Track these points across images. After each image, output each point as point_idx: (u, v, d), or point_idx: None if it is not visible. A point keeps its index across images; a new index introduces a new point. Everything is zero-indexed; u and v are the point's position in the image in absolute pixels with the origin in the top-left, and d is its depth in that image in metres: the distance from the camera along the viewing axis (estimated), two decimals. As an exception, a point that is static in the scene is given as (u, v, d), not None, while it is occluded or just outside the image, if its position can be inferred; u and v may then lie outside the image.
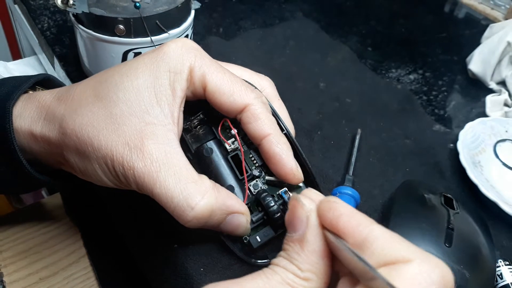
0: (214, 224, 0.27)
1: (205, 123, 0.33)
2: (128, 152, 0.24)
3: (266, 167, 0.32)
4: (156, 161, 0.24)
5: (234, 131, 0.31)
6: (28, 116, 0.27)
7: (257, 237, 0.30)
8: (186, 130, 0.33)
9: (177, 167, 0.25)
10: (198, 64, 0.27)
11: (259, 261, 0.31)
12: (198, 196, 0.25)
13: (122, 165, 0.24)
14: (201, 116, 0.33)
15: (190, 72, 0.27)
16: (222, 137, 0.32)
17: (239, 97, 0.27)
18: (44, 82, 0.32)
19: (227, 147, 0.33)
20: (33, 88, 0.31)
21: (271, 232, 0.30)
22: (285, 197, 0.31)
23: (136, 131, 0.25)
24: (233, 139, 0.33)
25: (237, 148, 0.32)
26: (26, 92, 0.29)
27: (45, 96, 0.28)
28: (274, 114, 0.30)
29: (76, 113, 0.26)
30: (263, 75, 0.33)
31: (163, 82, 0.26)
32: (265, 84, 0.32)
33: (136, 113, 0.25)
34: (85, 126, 0.25)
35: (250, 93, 0.28)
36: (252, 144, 0.31)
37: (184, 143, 0.33)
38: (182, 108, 0.28)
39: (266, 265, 0.22)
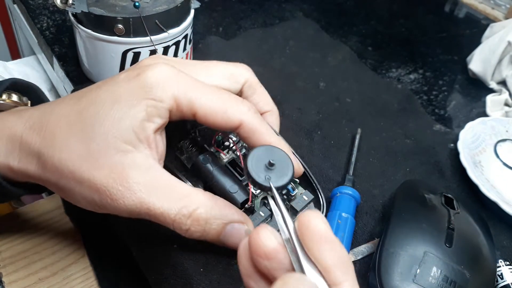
0: (213, 234, 0.27)
1: (197, 142, 0.35)
2: (113, 184, 0.24)
3: None
4: (144, 187, 0.24)
5: (230, 140, 0.34)
6: (1, 146, 0.26)
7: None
8: (180, 151, 0.35)
9: (167, 188, 0.25)
10: (182, 91, 0.26)
11: None
12: (193, 205, 0.25)
13: (110, 197, 0.24)
14: (192, 135, 0.35)
15: (175, 102, 0.26)
16: (218, 149, 0.34)
17: (232, 114, 0.27)
18: (13, 86, 0.31)
19: (223, 157, 0.35)
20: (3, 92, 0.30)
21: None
22: (289, 187, 0.33)
23: (117, 162, 0.24)
24: (227, 150, 0.35)
25: (232, 157, 0.35)
26: None
27: (16, 124, 0.26)
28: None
29: (54, 148, 0.25)
30: (239, 63, 0.33)
31: (139, 112, 0.25)
32: (245, 73, 0.32)
33: (113, 144, 0.24)
34: (65, 161, 0.25)
35: (242, 106, 0.28)
36: (247, 148, 0.33)
37: (179, 163, 0.35)
38: (161, 132, 0.27)
39: None
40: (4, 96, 0.30)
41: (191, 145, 0.36)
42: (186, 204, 0.25)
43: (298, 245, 0.19)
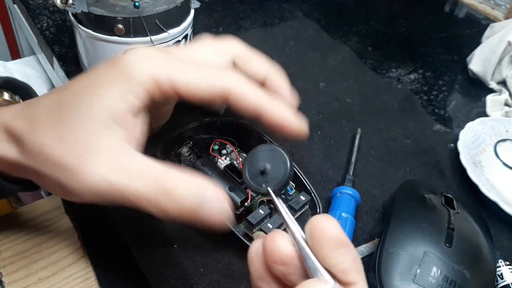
0: (189, 210, 0.24)
1: (194, 151, 0.36)
2: (78, 161, 0.23)
3: None
4: (114, 167, 0.23)
5: (229, 145, 0.35)
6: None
7: (269, 224, 0.31)
8: (178, 159, 0.36)
9: (140, 168, 0.24)
10: (160, 69, 0.25)
11: None
12: (169, 182, 0.24)
13: (74, 175, 0.24)
14: (190, 143, 0.36)
15: (154, 81, 0.25)
16: (216, 155, 0.35)
17: (217, 81, 0.26)
18: (5, 84, 0.31)
19: (221, 162, 0.35)
20: None
21: (280, 220, 0.32)
22: (287, 187, 0.32)
23: (87, 142, 0.24)
24: (225, 156, 0.36)
25: (230, 162, 0.35)
26: None
27: (1, 115, 0.27)
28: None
29: (34, 133, 0.25)
30: (226, 37, 0.32)
31: (113, 92, 0.25)
32: (232, 46, 0.31)
33: (86, 125, 0.24)
34: (42, 144, 0.24)
35: (227, 73, 0.26)
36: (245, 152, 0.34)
37: None
38: (140, 115, 0.26)
39: None
40: None
41: (189, 153, 0.36)
42: (160, 182, 0.23)
43: (308, 248, 0.19)
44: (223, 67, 0.28)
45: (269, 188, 0.22)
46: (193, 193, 0.24)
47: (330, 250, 0.19)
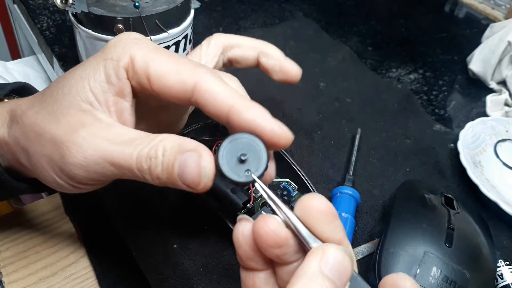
0: (169, 169, 0.23)
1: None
2: (72, 137, 0.24)
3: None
4: (104, 138, 0.24)
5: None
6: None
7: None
8: None
9: (128, 136, 0.24)
10: (140, 53, 0.25)
11: None
12: (153, 142, 0.23)
13: (69, 151, 0.24)
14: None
15: (131, 61, 0.25)
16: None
17: (185, 75, 0.25)
18: (20, 90, 0.32)
19: None
20: (8, 96, 0.31)
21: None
22: (290, 188, 0.33)
23: (77, 119, 0.25)
24: None
25: None
26: (1, 100, 0.29)
27: (14, 101, 0.28)
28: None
29: (26, 111, 0.26)
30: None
31: (97, 72, 0.25)
32: (222, 37, 0.32)
33: (74, 103, 0.25)
34: (33, 120, 0.26)
35: (198, 68, 0.25)
36: None
37: None
38: (127, 101, 0.26)
39: None
40: (5, 100, 0.30)
41: None
42: (146, 144, 0.23)
43: (300, 224, 0.20)
44: (196, 62, 0.27)
45: (253, 176, 0.22)
46: (172, 148, 0.23)
47: (326, 225, 0.20)
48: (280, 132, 0.23)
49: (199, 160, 0.23)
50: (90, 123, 0.24)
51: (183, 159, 0.23)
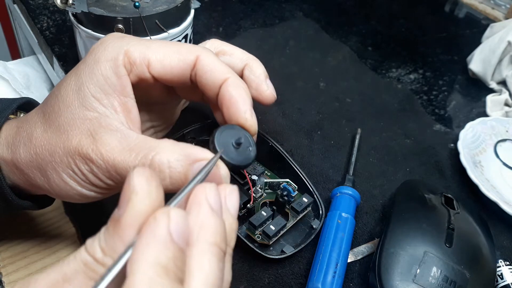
0: (179, 178, 0.24)
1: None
2: (87, 144, 0.24)
3: (264, 169, 0.34)
4: (114, 146, 0.24)
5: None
6: (4, 142, 0.27)
7: (271, 226, 0.31)
8: None
9: (132, 143, 0.24)
10: (134, 46, 0.26)
11: (276, 256, 0.32)
12: (152, 152, 0.24)
13: (86, 157, 0.24)
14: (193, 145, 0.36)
15: (127, 56, 0.25)
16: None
17: (186, 52, 0.26)
18: (25, 105, 0.31)
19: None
20: (14, 112, 0.30)
21: (282, 221, 0.32)
22: (290, 189, 0.33)
23: (85, 129, 0.25)
24: None
25: None
26: (8, 118, 0.29)
27: (17, 122, 0.28)
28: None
29: (34, 135, 0.26)
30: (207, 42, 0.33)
31: (92, 76, 0.25)
32: (215, 42, 0.32)
33: (78, 114, 0.25)
34: (45, 144, 0.25)
35: (197, 46, 0.27)
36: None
37: None
38: (127, 93, 0.26)
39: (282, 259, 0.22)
40: (12, 116, 0.30)
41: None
42: (146, 153, 0.24)
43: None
44: (193, 44, 0.28)
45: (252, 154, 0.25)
46: (177, 158, 0.23)
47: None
48: (248, 118, 0.27)
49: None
50: (100, 130, 0.25)
51: (195, 171, 0.24)
